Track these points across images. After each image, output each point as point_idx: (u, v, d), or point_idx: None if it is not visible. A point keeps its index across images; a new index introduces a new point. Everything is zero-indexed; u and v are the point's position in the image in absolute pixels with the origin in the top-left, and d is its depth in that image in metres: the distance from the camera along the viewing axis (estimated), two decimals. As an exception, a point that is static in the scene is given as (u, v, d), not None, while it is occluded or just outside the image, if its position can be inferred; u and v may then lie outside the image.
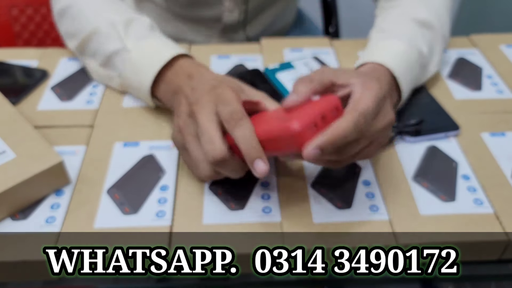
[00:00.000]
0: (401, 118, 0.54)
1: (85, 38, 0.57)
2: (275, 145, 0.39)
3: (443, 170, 0.49)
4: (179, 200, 0.46)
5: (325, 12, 1.03)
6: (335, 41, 0.68)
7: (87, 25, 0.57)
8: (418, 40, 0.55)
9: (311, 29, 0.96)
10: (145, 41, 0.54)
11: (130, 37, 0.54)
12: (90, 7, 0.58)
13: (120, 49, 0.54)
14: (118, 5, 0.59)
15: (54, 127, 0.53)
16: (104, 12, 0.57)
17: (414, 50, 0.53)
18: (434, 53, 0.58)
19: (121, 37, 0.54)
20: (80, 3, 0.59)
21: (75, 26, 0.58)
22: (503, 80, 0.61)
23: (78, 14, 0.58)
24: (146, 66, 0.52)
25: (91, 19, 0.57)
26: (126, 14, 0.57)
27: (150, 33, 0.56)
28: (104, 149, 0.51)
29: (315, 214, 0.44)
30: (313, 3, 1.08)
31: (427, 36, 0.56)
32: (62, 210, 0.44)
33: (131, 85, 0.54)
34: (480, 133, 0.53)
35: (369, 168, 0.49)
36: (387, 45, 0.53)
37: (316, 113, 0.37)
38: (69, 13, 0.59)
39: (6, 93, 0.53)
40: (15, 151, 0.45)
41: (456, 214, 0.44)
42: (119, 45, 0.54)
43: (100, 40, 0.55)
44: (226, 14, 0.74)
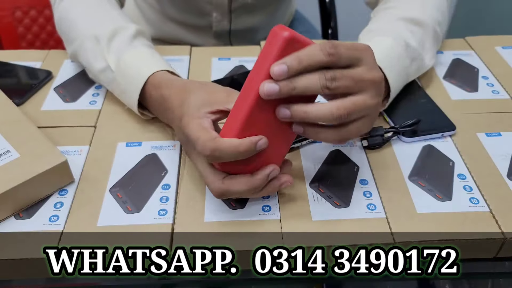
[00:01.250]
0: (398, 118, 0.54)
1: (75, 49, 0.58)
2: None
3: (439, 169, 0.50)
4: (180, 199, 0.46)
5: (323, 14, 1.04)
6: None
7: (77, 37, 0.57)
8: (405, 34, 0.55)
9: (310, 31, 0.98)
10: (123, 57, 0.53)
11: (112, 54, 0.54)
12: (79, 19, 0.58)
13: (105, 68, 0.54)
14: (107, 14, 0.58)
15: (57, 127, 0.54)
16: (91, 25, 0.57)
17: (401, 42, 0.54)
18: (425, 48, 0.58)
19: (104, 55, 0.54)
20: (71, 14, 0.59)
21: (69, 35, 0.59)
22: (499, 81, 0.62)
23: (70, 25, 0.59)
24: (128, 88, 0.52)
25: (79, 31, 0.57)
26: (112, 24, 0.56)
27: (129, 45, 0.55)
28: (107, 149, 0.51)
29: (314, 213, 0.45)
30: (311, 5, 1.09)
31: (416, 32, 0.56)
32: (65, 209, 0.45)
33: (123, 101, 0.55)
34: (476, 133, 0.54)
35: (366, 168, 0.50)
36: (373, 42, 0.54)
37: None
38: (64, 23, 0.60)
39: (10, 94, 0.53)
40: (19, 151, 0.46)
41: (452, 212, 0.45)
42: (103, 64, 0.54)
43: (87, 55, 0.56)
44: (215, 24, 0.78)
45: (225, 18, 0.77)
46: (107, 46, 0.54)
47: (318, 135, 0.40)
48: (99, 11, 0.59)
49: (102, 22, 0.57)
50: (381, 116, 0.56)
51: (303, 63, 0.37)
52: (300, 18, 0.99)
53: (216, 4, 0.75)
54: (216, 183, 0.41)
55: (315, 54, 0.37)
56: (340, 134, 0.40)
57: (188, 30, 0.81)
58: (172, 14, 0.79)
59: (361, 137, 0.52)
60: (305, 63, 0.37)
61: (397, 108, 0.56)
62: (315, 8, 1.05)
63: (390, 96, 0.53)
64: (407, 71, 0.55)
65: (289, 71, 0.36)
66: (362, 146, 0.52)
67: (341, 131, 0.40)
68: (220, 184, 0.41)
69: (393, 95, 0.54)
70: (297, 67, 0.36)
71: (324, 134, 0.40)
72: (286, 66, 0.36)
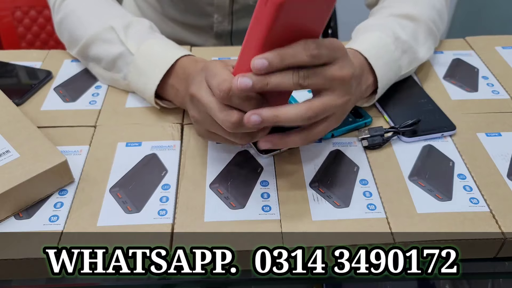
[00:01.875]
0: (398, 118, 0.54)
1: (85, 44, 0.58)
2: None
3: (439, 169, 0.50)
4: (180, 199, 0.46)
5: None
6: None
7: (86, 31, 0.57)
8: (393, 27, 0.55)
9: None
10: (146, 42, 0.55)
11: (130, 40, 0.55)
12: (88, 14, 0.59)
13: (122, 52, 0.55)
14: (116, 10, 0.60)
15: (57, 127, 0.54)
16: (103, 18, 0.58)
17: (389, 33, 0.54)
18: (419, 41, 0.58)
19: (122, 41, 0.55)
20: (79, 11, 0.59)
21: (75, 33, 0.59)
22: (499, 81, 0.62)
23: (77, 21, 0.59)
24: (150, 69, 0.53)
25: (90, 25, 0.57)
26: (125, 18, 0.58)
27: (150, 34, 0.57)
28: (107, 149, 0.51)
29: (314, 213, 0.45)
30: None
31: (406, 26, 0.56)
32: (65, 209, 0.45)
33: (136, 87, 0.55)
34: (476, 133, 0.54)
35: (366, 168, 0.50)
36: (361, 37, 0.54)
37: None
38: (69, 21, 0.60)
39: (10, 94, 0.53)
40: (19, 151, 0.46)
41: (452, 212, 0.45)
42: (121, 48, 0.55)
43: (101, 45, 0.56)
44: (216, 25, 0.78)
45: (226, 19, 0.78)
46: (125, 34, 0.55)
47: (287, 143, 0.42)
48: (108, 7, 0.60)
49: (115, 15, 0.58)
50: (381, 116, 0.56)
51: (285, 62, 0.37)
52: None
53: (218, 5, 0.75)
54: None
55: (298, 55, 0.37)
56: (308, 137, 0.41)
57: (188, 30, 0.81)
58: (172, 15, 0.79)
59: (361, 137, 0.52)
60: (286, 62, 0.37)
61: (397, 108, 0.56)
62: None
63: (379, 87, 0.53)
64: (398, 63, 0.55)
65: (268, 68, 0.37)
66: (362, 146, 0.52)
67: (309, 133, 0.41)
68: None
69: (383, 86, 0.54)
70: (277, 65, 0.37)
71: (292, 140, 0.41)
72: (267, 62, 0.37)
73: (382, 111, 0.56)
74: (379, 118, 0.56)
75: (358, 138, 0.53)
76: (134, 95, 0.59)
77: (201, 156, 0.51)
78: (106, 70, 0.58)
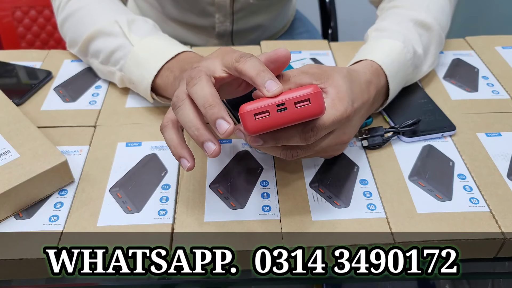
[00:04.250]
0: (398, 118, 0.54)
1: (88, 38, 0.58)
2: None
3: (439, 169, 0.50)
4: (180, 199, 0.46)
5: (323, 14, 1.04)
6: (333, 43, 0.69)
7: (90, 26, 0.58)
8: (414, 40, 0.55)
9: (310, 31, 0.98)
10: (150, 37, 0.55)
11: (134, 34, 0.55)
12: (94, 11, 0.59)
13: (122, 44, 0.55)
14: (121, 8, 0.60)
15: (57, 127, 0.54)
16: (108, 15, 0.58)
17: (410, 49, 0.54)
18: (428, 54, 0.58)
19: (125, 33, 0.55)
20: (85, 9, 0.60)
21: (79, 29, 0.59)
22: (499, 81, 0.62)
23: (82, 17, 0.59)
24: (150, 60, 0.53)
25: (95, 20, 0.58)
26: (130, 15, 0.58)
27: (154, 31, 0.57)
28: (106, 149, 0.51)
29: (314, 213, 0.45)
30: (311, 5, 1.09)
31: (423, 37, 0.57)
32: (65, 209, 0.45)
33: (132, 79, 0.55)
34: (476, 133, 0.54)
35: (366, 168, 0.50)
36: (382, 44, 0.54)
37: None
38: (74, 18, 0.60)
39: (10, 94, 0.53)
40: (19, 151, 0.46)
41: (452, 212, 0.45)
42: (123, 41, 0.55)
43: (104, 38, 0.57)
44: (218, 25, 0.78)
45: (228, 19, 0.78)
46: (129, 28, 0.56)
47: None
48: (114, 6, 0.60)
49: (120, 12, 0.59)
50: (381, 116, 0.56)
51: (279, 143, 0.39)
52: (300, 18, 0.99)
53: (219, 5, 0.75)
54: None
55: (293, 139, 0.39)
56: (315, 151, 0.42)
57: (189, 30, 0.81)
58: (173, 15, 0.79)
59: (361, 137, 0.52)
60: (280, 143, 0.39)
61: (397, 108, 0.56)
62: (315, 8, 1.05)
63: (387, 100, 0.54)
64: (407, 78, 0.55)
65: (263, 145, 0.39)
66: (362, 146, 0.52)
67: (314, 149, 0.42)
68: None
69: (389, 100, 0.54)
70: (271, 145, 0.39)
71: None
72: (262, 142, 0.38)
73: (382, 111, 0.56)
74: (379, 118, 0.56)
75: (358, 138, 0.53)
76: (134, 95, 0.59)
77: (201, 156, 0.51)
78: (103, 64, 0.58)
